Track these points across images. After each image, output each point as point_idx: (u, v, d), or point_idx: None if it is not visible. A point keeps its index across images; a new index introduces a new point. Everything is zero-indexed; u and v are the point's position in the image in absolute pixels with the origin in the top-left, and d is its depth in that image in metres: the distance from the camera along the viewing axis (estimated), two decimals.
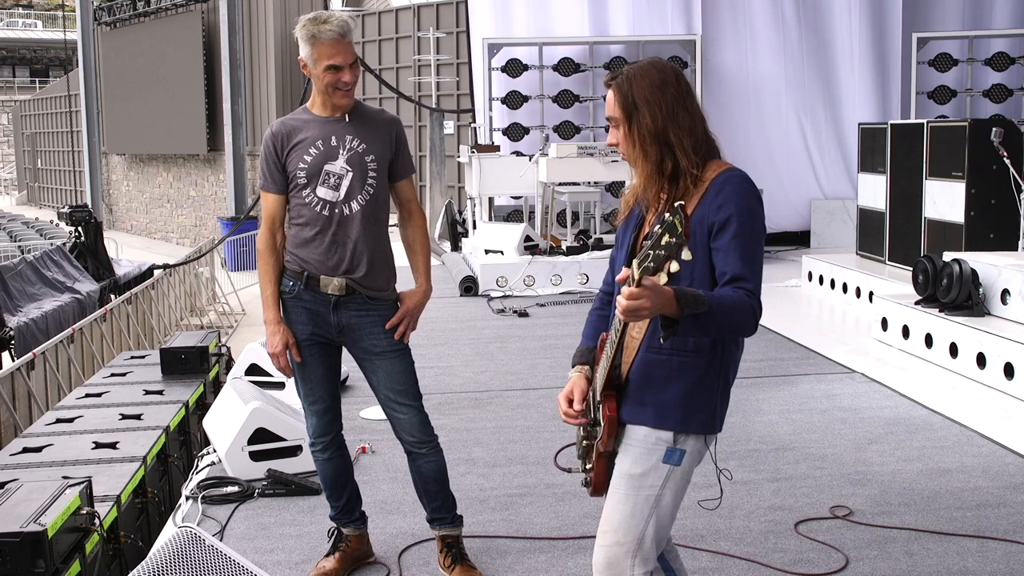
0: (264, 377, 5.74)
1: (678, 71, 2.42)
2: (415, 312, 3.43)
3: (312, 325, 3.36)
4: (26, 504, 3.62)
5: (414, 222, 3.50)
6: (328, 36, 3.14)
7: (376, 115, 3.40)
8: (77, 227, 14.55)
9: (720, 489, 2.79)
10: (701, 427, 2.38)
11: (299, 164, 3.28)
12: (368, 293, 3.34)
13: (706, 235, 2.30)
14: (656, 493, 2.37)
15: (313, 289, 3.33)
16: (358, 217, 3.29)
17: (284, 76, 22.86)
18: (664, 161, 2.35)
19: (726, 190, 2.31)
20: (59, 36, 43.38)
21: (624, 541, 2.38)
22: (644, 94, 2.35)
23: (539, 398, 5.86)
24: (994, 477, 4.46)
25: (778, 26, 12.30)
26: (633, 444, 2.39)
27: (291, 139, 3.30)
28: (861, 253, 9.42)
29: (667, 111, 2.34)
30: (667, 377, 2.35)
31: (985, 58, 12.08)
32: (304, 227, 3.32)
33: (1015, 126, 7.74)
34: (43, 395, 8.27)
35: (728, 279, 2.26)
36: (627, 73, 2.39)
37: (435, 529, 3.57)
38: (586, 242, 10.28)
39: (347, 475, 3.58)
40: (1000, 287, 6.26)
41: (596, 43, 12.32)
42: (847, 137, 12.08)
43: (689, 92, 2.40)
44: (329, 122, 3.30)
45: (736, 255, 2.26)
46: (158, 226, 28.36)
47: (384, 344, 3.38)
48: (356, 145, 3.29)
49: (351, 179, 3.28)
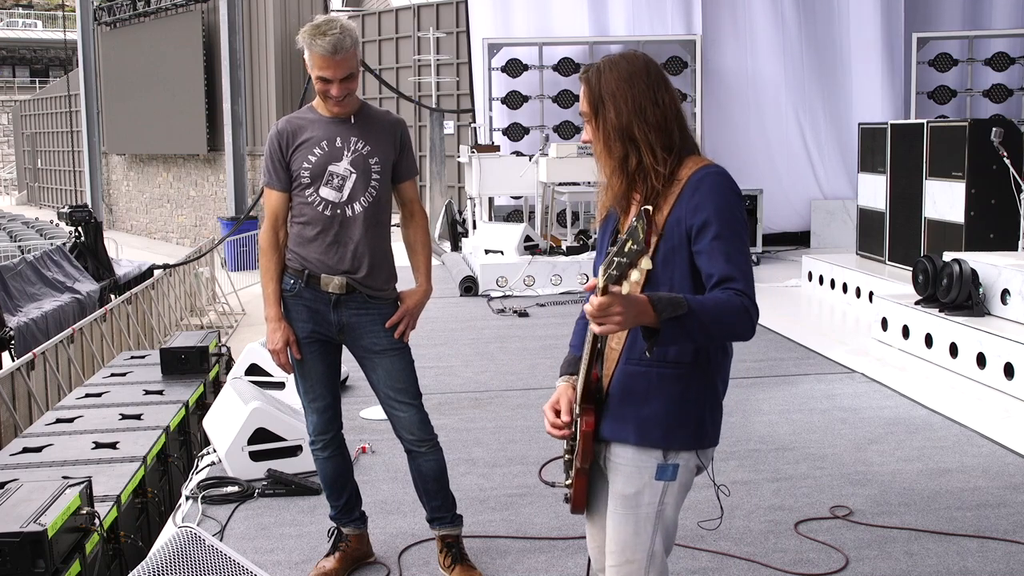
0: (264, 377, 5.74)
1: (649, 62, 2.27)
2: (415, 311, 3.43)
3: (312, 323, 3.37)
4: (26, 504, 3.62)
5: (416, 223, 3.51)
6: (319, 50, 3.14)
7: (381, 117, 3.41)
8: (77, 227, 14.55)
9: (720, 508, 2.73)
10: (687, 443, 2.24)
11: (303, 164, 3.29)
12: (368, 292, 3.35)
13: (684, 238, 2.17)
14: (656, 510, 2.26)
15: (314, 288, 3.33)
16: (360, 218, 3.31)
17: (284, 76, 22.85)
18: (628, 158, 2.22)
19: (702, 189, 2.17)
20: (59, 36, 43.39)
21: (635, 559, 2.28)
22: (611, 87, 2.23)
23: (539, 398, 5.86)
24: (994, 477, 4.46)
25: (778, 26, 12.30)
26: (621, 464, 2.27)
27: (296, 138, 3.31)
28: (861, 253, 9.42)
29: (633, 105, 2.21)
30: (647, 391, 2.21)
31: (985, 58, 12.09)
32: (306, 226, 3.33)
33: (1015, 126, 7.74)
34: (43, 395, 8.26)
35: (716, 281, 2.13)
36: (598, 66, 2.28)
37: (435, 529, 3.57)
38: (586, 242, 10.27)
39: (347, 474, 3.58)
40: (1000, 287, 6.26)
41: (596, 43, 12.32)
42: (847, 137, 12.08)
43: (661, 85, 2.25)
44: (334, 123, 3.31)
45: (720, 256, 2.13)
46: (158, 226, 28.37)
47: (384, 343, 3.38)
48: (361, 147, 3.30)
49: (354, 181, 3.29)
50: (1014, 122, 8.34)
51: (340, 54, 3.15)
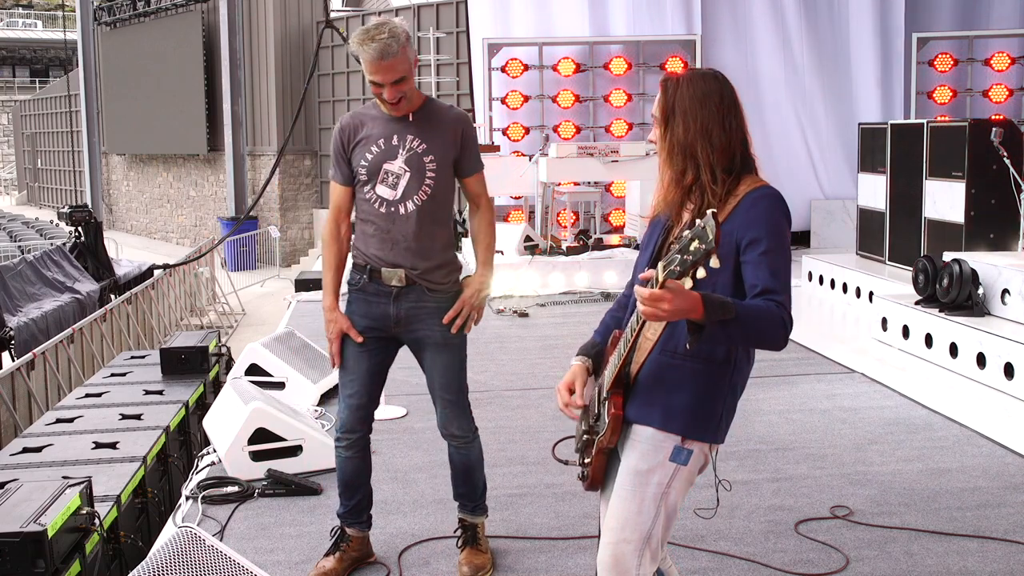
0: (264, 377, 5.75)
1: (725, 85, 2.37)
2: (471, 301, 3.47)
3: (368, 319, 3.43)
4: (26, 504, 3.62)
5: (481, 215, 3.56)
6: (367, 56, 3.19)
7: (444, 113, 3.44)
8: (77, 227, 14.53)
9: (717, 499, 2.78)
10: (705, 435, 2.37)
11: (361, 161, 3.36)
12: (428, 286, 3.40)
13: (733, 249, 2.28)
14: (663, 491, 2.36)
15: (376, 282, 3.40)
16: (414, 216, 3.35)
17: (284, 76, 22.81)
18: (687, 173, 2.33)
19: (760, 206, 2.29)
20: (59, 36, 43.38)
21: (631, 538, 2.35)
22: (684, 103, 2.33)
23: (539, 398, 5.86)
24: (994, 477, 4.46)
25: (778, 26, 12.31)
26: (639, 441, 2.37)
27: (357, 134, 3.38)
28: (861, 253, 9.42)
29: (701, 126, 2.32)
30: (678, 381, 2.33)
31: (985, 58, 12.09)
32: (366, 222, 3.41)
33: (1015, 126, 7.74)
34: (43, 395, 8.26)
35: (759, 291, 2.24)
36: (679, 78, 2.38)
37: (458, 511, 3.65)
38: (586, 242, 10.27)
39: (363, 476, 3.60)
40: (1000, 287, 6.26)
41: (596, 43, 12.33)
42: (847, 137, 12.08)
43: (732, 110, 2.35)
44: (393, 121, 3.36)
45: (766, 270, 2.24)
46: (158, 226, 28.35)
47: (438, 336, 3.43)
48: (416, 145, 3.34)
49: (408, 179, 3.34)
50: (1014, 122, 8.34)
51: (388, 59, 3.19)
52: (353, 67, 20.54)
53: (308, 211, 23.03)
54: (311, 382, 5.76)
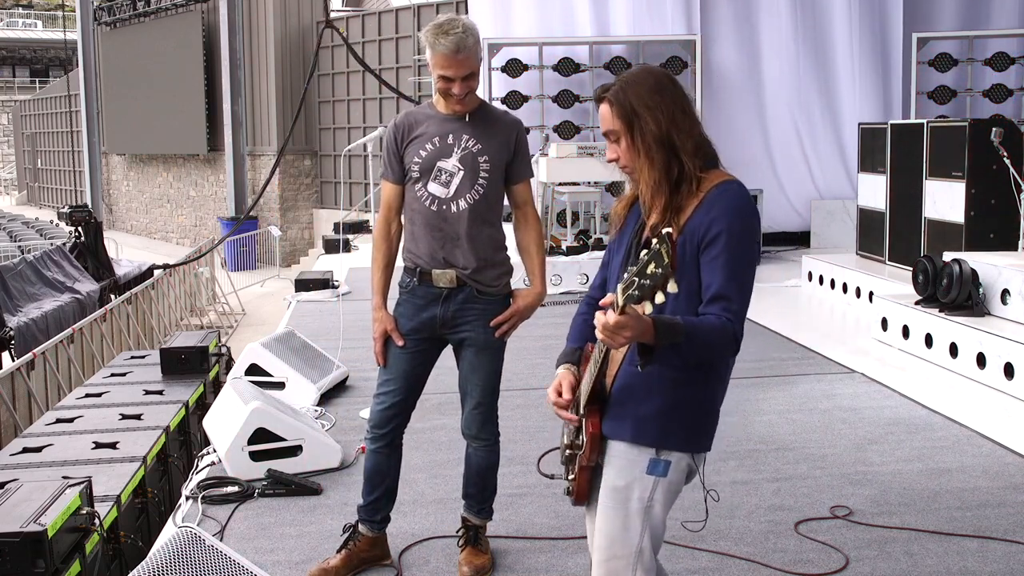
0: (264, 377, 5.74)
1: (667, 74, 2.35)
2: (525, 313, 3.51)
3: (415, 321, 3.42)
4: (26, 504, 3.62)
5: (528, 225, 3.56)
6: (441, 49, 3.18)
7: (499, 117, 3.44)
8: (77, 227, 14.53)
9: (706, 511, 2.73)
10: (681, 445, 2.31)
11: (414, 158, 3.35)
12: (478, 287, 3.41)
13: (696, 247, 2.24)
14: (645, 505, 2.30)
15: (426, 284, 3.40)
16: (465, 215, 3.35)
17: (284, 76, 22.81)
18: (671, 166, 2.27)
19: (720, 203, 2.24)
20: (59, 36, 43.38)
21: (621, 554, 2.31)
22: (643, 100, 2.27)
23: (539, 398, 5.86)
24: (994, 477, 4.46)
25: (778, 26, 12.30)
26: (615, 456, 2.33)
27: (412, 132, 3.37)
28: (861, 253, 9.42)
29: (668, 114, 2.27)
30: (647, 391, 2.28)
31: (985, 58, 12.08)
32: (415, 222, 3.40)
33: (1015, 126, 7.74)
34: (43, 395, 8.26)
35: (712, 295, 2.20)
36: (619, 83, 2.32)
37: (463, 510, 3.65)
38: (586, 242, 10.28)
39: (386, 474, 3.58)
40: (1000, 287, 6.26)
41: (596, 43, 12.32)
42: (847, 137, 12.08)
43: (684, 94, 2.33)
44: (449, 120, 3.35)
45: (724, 272, 2.20)
46: (158, 226, 28.35)
47: (480, 338, 3.44)
48: (471, 145, 3.34)
49: (461, 177, 3.33)
50: (1014, 122, 8.34)
51: (463, 53, 3.18)
52: (353, 67, 20.56)
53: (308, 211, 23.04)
54: (311, 382, 5.76)
